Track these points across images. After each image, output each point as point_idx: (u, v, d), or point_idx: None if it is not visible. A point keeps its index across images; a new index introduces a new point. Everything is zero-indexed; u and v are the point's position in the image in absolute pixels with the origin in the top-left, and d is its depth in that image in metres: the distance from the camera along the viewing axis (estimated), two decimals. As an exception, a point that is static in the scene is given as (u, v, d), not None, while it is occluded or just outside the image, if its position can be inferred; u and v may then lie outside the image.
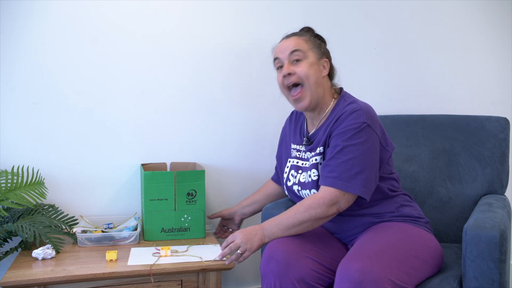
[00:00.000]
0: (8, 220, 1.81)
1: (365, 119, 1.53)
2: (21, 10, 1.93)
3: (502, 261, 1.41)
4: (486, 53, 2.43)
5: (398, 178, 1.70)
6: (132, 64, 2.06)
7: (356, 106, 1.57)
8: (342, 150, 1.52)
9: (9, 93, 1.95)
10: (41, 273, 1.56)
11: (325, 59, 1.67)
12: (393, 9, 2.32)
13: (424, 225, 1.64)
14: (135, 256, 1.72)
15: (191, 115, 2.15)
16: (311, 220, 1.51)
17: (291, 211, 1.54)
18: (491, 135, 1.94)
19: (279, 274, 1.46)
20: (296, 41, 1.64)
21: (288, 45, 1.64)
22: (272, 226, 1.54)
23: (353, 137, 1.52)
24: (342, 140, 1.53)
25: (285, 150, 1.81)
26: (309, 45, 1.64)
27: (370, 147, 1.52)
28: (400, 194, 1.68)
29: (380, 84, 2.35)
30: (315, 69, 1.62)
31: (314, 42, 1.66)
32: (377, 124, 1.57)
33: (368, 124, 1.53)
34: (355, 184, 1.50)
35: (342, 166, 1.51)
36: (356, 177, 1.50)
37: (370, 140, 1.52)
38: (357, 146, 1.51)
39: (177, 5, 2.08)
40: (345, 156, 1.52)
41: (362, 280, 1.31)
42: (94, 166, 2.05)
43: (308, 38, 1.66)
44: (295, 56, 1.62)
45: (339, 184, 1.51)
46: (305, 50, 1.62)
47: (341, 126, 1.55)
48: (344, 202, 1.52)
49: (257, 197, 1.97)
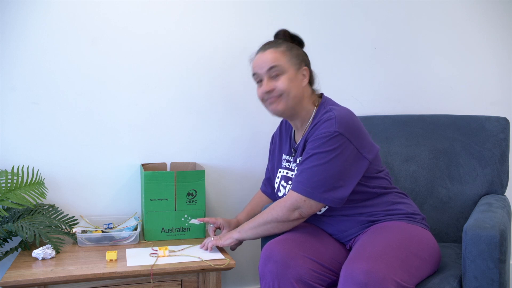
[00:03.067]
0: (8, 220, 1.81)
1: (337, 128, 1.52)
2: (21, 10, 1.93)
3: (502, 261, 1.41)
4: (486, 53, 2.43)
5: (388, 176, 1.70)
6: (132, 64, 2.06)
7: (330, 114, 1.56)
8: (310, 157, 1.54)
9: (9, 93, 1.95)
10: (41, 273, 1.56)
11: (304, 68, 1.64)
12: (393, 9, 2.32)
13: (420, 221, 1.64)
14: (132, 256, 1.71)
15: (191, 115, 2.15)
16: (273, 222, 1.58)
17: (260, 214, 1.63)
18: (491, 135, 1.94)
19: (278, 274, 1.46)
20: (273, 56, 1.61)
21: (266, 60, 1.62)
22: (244, 225, 1.66)
23: (322, 145, 1.52)
24: (312, 147, 1.55)
25: (277, 160, 1.81)
26: (286, 58, 1.62)
27: (339, 155, 1.51)
28: (392, 191, 1.67)
29: (380, 84, 2.35)
30: (295, 82, 1.62)
31: (291, 52, 1.63)
32: (352, 132, 1.54)
33: (340, 133, 1.51)
34: (316, 191, 1.52)
35: (307, 172, 1.53)
36: (317, 184, 1.51)
37: (339, 149, 1.51)
38: (324, 154, 1.51)
39: (177, 5, 2.08)
40: (311, 163, 1.53)
41: (368, 281, 1.31)
42: (94, 166, 2.06)
43: (285, 48, 1.63)
44: (274, 72, 1.61)
45: (302, 190, 1.53)
46: (283, 64, 1.61)
47: (314, 134, 1.56)
48: (306, 208, 1.54)
49: (252, 210, 1.92)
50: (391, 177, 1.72)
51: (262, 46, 1.67)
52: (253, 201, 1.96)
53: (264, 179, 1.96)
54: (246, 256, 2.22)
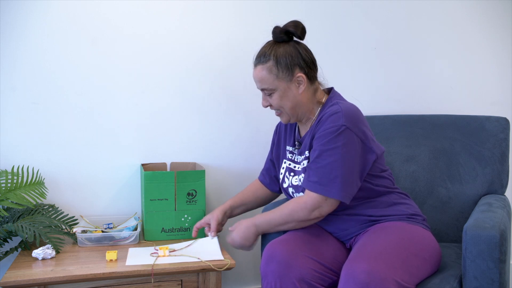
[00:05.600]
0: (8, 220, 1.81)
1: (344, 121, 1.51)
2: (21, 10, 1.93)
3: (502, 261, 1.41)
4: (486, 53, 2.43)
5: (391, 176, 1.70)
6: (132, 64, 2.06)
7: (336, 108, 1.55)
8: (321, 154, 1.53)
9: (9, 93, 1.95)
10: (41, 273, 1.56)
11: (298, 75, 1.60)
12: (393, 9, 2.32)
13: (421, 222, 1.64)
14: (133, 256, 1.71)
15: (191, 115, 2.15)
16: (294, 222, 1.59)
17: (278, 210, 1.62)
18: (491, 135, 1.94)
19: (280, 274, 1.46)
20: (261, 75, 1.61)
21: (256, 79, 1.64)
22: (263, 223, 1.64)
23: (331, 141, 1.51)
24: (321, 144, 1.54)
25: (282, 151, 1.81)
26: (274, 74, 1.60)
27: (349, 150, 1.51)
28: (394, 191, 1.67)
29: (380, 84, 2.35)
30: (288, 95, 1.61)
31: (280, 64, 1.59)
32: (358, 126, 1.54)
33: (347, 127, 1.51)
34: (334, 189, 1.51)
35: (320, 170, 1.53)
36: (335, 181, 1.51)
37: (349, 143, 1.51)
38: (335, 150, 1.51)
39: (178, 5, 2.08)
40: (323, 160, 1.52)
41: (369, 281, 1.32)
42: (94, 166, 2.05)
43: (273, 63, 1.59)
44: (266, 91, 1.64)
45: (319, 189, 1.53)
46: (271, 83, 1.60)
47: (321, 129, 1.55)
48: (326, 207, 1.55)
49: (247, 198, 1.91)
50: (393, 178, 1.72)
51: (254, 59, 1.66)
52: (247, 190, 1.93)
53: (263, 169, 1.94)
54: (246, 256, 2.22)
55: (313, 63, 1.65)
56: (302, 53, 1.62)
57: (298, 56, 1.61)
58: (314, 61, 1.65)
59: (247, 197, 1.91)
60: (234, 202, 1.88)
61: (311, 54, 1.65)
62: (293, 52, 1.60)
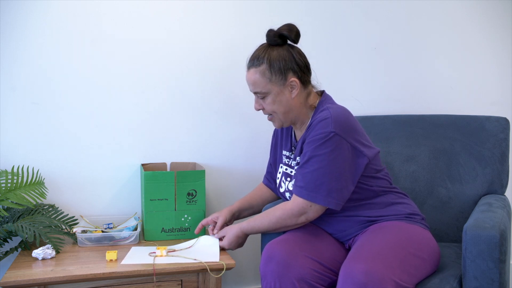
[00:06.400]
0: (8, 220, 1.81)
1: (333, 128, 1.51)
2: (21, 10, 1.93)
3: (502, 261, 1.41)
4: (486, 53, 2.44)
5: (387, 176, 1.69)
6: (132, 65, 2.06)
7: (326, 114, 1.55)
8: (309, 160, 1.53)
9: (9, 93, 1.95)
10: (41, 273, 1.56)
11: (291, 79, 1.59)
12: (393, 9, 2.32)
13: (420, 221, 1.64)
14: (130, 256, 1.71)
15: (191, 115, 2.15)
16: (282, 228, 1.63)
17: (266, 218, 1.64)
18: (491, 135, 1.94)
19: (279, 274, 1.46)
20: (254, 79, 1.61)
21: (249, 82, 1.64)
22: (251, 231, 1.69)
23: (319, 147, 1.51)
24: (310, 150, 1.54)
25: (279, 155, 1.82)
26: (267, 78, 1.59)
27: (338, 156, 1.51)
28: (391, 191, 1.67)
29: (380, 84, 2.35)
30: (281, 100, 1.61)
31: (273, 68, 1.58)
32: (348, 131, 1.53)
33: (336, 133, 1.51)
34: (320, 195, 1.52)
35: (308, 176, 1.53)
36: (320, 187, 1.51)
37: (337, 149, 1.51)
38: (323, 156, 1.51)
39: (177, 6, 2.08)
40: (311, 166, 1.53)
41: (367, 281, 1.32)
42: (94, 166, 2.06)
43: (266, 66, 1.58)
44: (259, 94, 1.63)
45: (305, 195, 1.53)
46: (264, 86, 1.60)
47: (311, 135, 1.55)
48: (312, 212, 1.56)
49: (255, 201, 1.93)
50: (390, 177, 1.72)
51: (248, 61, 1.65)
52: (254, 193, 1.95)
53: (266, 173, 1.95)
54: (246, 256, 2.22)
55: (307, 67, 1.64)
56: (295, 57, 1.61)
57: (292, 60, 1.60)
58: (307, 65, 1.65)
59: (255, 200, 1.92)
60: (242, 205, 1.90)
61: (305, 58, 1.64)
62: (286, 56, 1.60)
